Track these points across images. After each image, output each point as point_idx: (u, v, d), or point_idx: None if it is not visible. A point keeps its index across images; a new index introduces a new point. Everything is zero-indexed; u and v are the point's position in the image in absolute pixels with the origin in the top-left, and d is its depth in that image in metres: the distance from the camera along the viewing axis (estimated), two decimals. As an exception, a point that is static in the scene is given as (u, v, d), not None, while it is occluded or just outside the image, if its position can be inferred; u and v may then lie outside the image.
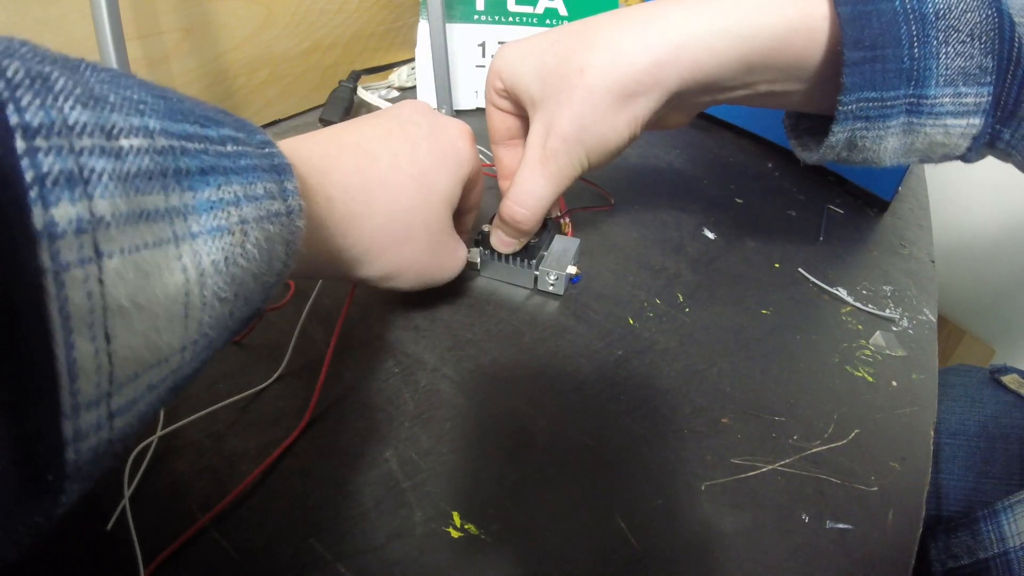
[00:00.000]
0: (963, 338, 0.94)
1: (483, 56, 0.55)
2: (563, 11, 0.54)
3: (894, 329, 0.35)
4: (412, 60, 0.60)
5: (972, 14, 0.24)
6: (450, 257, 0.30)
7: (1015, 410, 0.44)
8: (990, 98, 0.25)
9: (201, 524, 0.23)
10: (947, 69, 0.25)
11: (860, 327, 0.35)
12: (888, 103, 0.26)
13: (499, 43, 0.55)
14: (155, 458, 0.25)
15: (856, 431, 0.29)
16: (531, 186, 0.31)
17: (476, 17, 0.54)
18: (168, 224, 0.12)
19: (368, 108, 0.55)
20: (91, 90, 0.11)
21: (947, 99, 0.25)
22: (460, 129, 0.30)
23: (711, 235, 0.42)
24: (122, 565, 0.22)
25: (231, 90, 0.49)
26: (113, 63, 0.37)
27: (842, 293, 0.37)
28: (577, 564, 0.23)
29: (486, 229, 0.35)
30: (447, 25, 0.50)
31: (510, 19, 0.54)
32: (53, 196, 0.09)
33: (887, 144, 0.27)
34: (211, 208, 0.13)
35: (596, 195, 0.45)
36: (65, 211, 0.09)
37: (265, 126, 0.53)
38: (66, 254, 0.09)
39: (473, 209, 0.34)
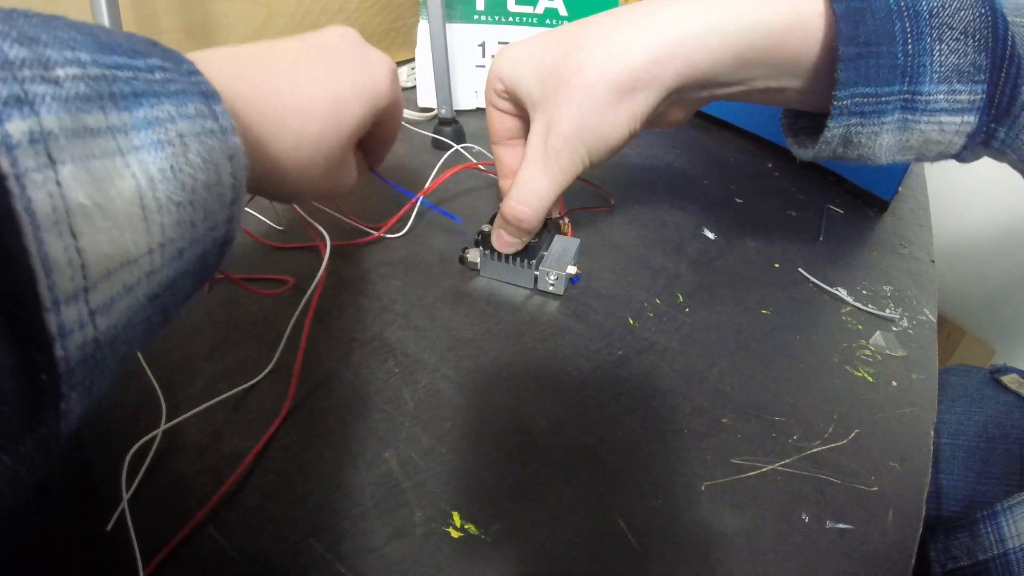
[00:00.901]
0: (963, 338, 0.95)
1: (483, 56, 0.55)
2: (563, 11, 0.54)
3: (894, 329, 0.35)
4: (412, 60, 0.60)
5: (966, 12, 0.25)
6: (343, 182, 0.29)
7: (1015, 410, 0.44)
8: (984, 96, 0.25)
9: (197, 522, 0.23)
10: (941, 66, 0.25)
11: (860, 327, 0.35)
12: (883, 99, 0.26)
13: (499, 43, 0.55)
14: (155, 458, 0.25)
15: (856, 431, 0.29)
16: (533, 185, 0.31)
17: (476, 17, 0.54)
18: (111, 139, 0.13)
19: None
20: (25, 32, 0.12)
21: (941, 96, 0.26)
22: (383, 63, 0.30)
23: (711, 235, 0.42)
24: (122, 565, 0.22)
25: (231, 90, 0.49)
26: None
27: (842, 293, 0.37)
28: (577, 564, 0.23)
29: (486, 229, 0.35)
30: (447, 25, 0.50)
31: (510, 19, 0.54)
32: (5, 114, 0.11)
33: (882, 141, 0.27)
34: (148, 125, 0.14)
35: (596, 195, 0.45)
36: (17, 126, 0.11)
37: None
38: (24, 161, 0.11)
39: (388, 142, 0.33)
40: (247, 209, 0.39)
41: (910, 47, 0.25)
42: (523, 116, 0.33)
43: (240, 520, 0.24)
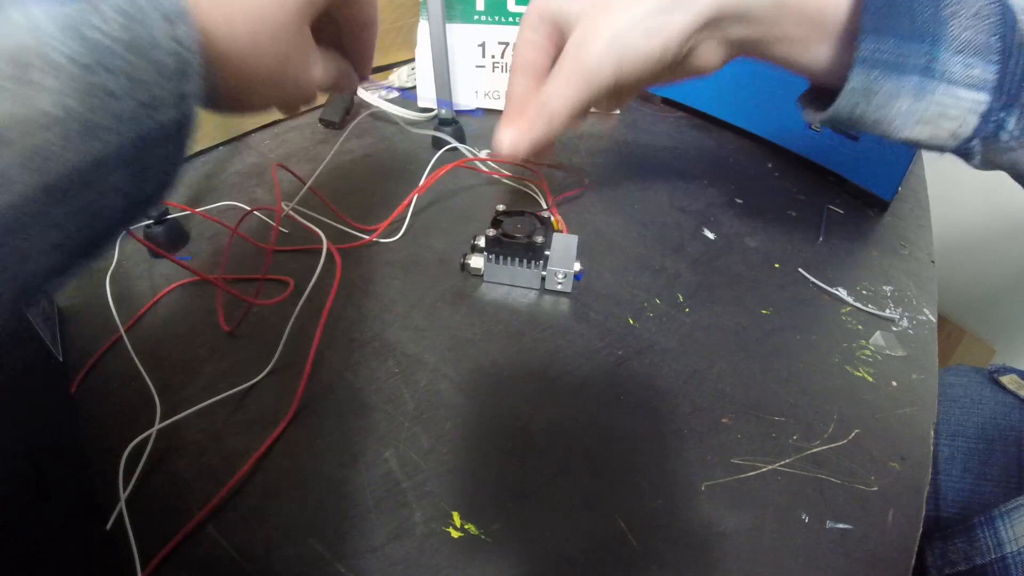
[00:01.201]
0: (963, 338, 0.95)
1: (483, 56, 0.55)
2: (563, 11, 0.54)
3: (894, 329, 0.35)
4: (412, 60, 0.60)
5: None
6: (301, 78, 0.25)
7: (1014, 411, 0.44)
8: (997, 77, 0.26)
9: (197, 522, 0.23)
10: (956, 39, 0.26)
11: (860, 327, 0.35)
12: (904, 55, 0.27)
13: (499, 43, 0.55)
14: (155, 458, 0.25)
15: (856, 431, 0.29)
16: (561, 86, 0.31)
17: (476, 17, 0.54)
18: None
19: (368, 108, 0.55)
20: None
21: (957, 67, 0.27)
22: None
23: (711, 235, 0.42)
24: (121, 565, 0.22)
25: (231, 90, 0.49)
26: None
27: (842, 293, 0.37)
28: (577, 564, 0.23)
29: (490, 234, 0.35)
30: (447, 25, 0.50)
31: (510, 19, 0.54)
32: None
33: (900, 104, 0.28)
34: None
35: (576, 182, 0.45)
36: None
37: (266, 126, 0.53)
38: None
39: (365, 29, 0.29)
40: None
41: (928, 14, 0.26)
42: (551, 51, 0.33)
43: (240, 520, 0.24)
